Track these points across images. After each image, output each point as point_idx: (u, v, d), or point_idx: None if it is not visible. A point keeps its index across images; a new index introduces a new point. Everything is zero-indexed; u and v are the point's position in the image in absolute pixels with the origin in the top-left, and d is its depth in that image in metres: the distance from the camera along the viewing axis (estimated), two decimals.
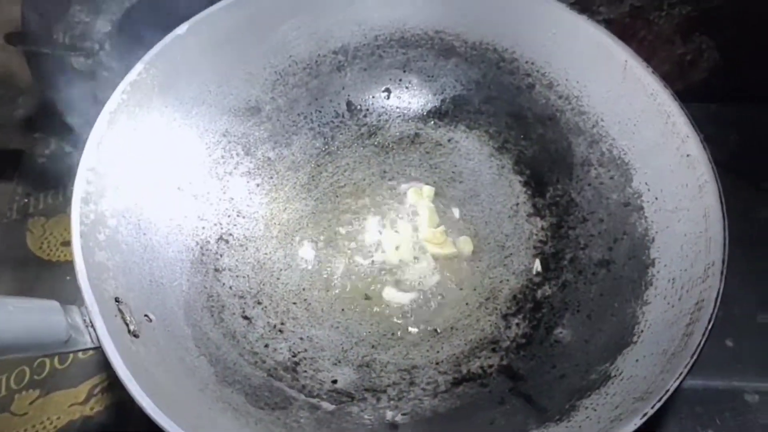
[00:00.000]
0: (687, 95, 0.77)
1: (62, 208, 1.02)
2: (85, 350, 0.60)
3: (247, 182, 0.87)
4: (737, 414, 0.80)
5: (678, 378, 0.61)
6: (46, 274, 0.97)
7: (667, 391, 0.60)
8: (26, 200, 1.03)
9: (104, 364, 0.90)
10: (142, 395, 0.57)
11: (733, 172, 0.80)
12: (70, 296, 0.79)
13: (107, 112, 0.72)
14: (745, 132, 1.04)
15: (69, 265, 0.97)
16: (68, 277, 0.96)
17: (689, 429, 0.79)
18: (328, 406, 0.72)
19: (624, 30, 1.00)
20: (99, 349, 0.60)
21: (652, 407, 0.59)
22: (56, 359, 0.91)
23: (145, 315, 0.67)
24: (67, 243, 0.99)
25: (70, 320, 0.59)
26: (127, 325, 0.63)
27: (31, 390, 0.89)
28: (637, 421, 0.58)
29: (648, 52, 0.98)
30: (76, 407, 0.85)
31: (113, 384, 0.88)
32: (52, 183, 1.05)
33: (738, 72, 1.07)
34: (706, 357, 0.85)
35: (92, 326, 0.60)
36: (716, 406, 0.81)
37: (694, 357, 0.62)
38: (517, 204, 0.89)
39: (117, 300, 0.64)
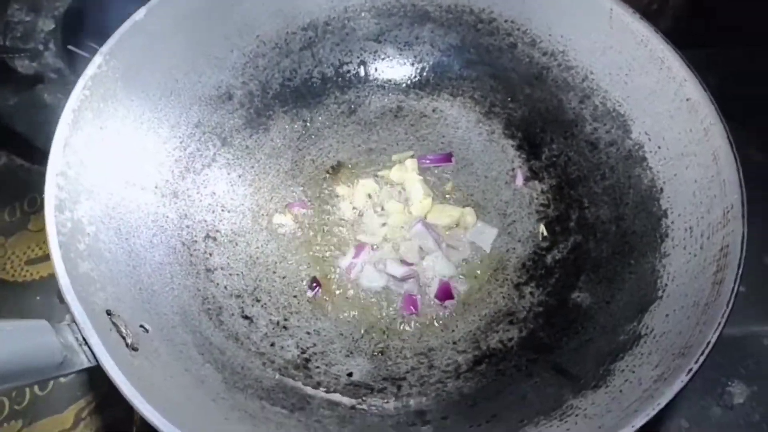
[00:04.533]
0: None
1: (22, 225, 0.94)
2: (81, 371, 0.54)
3: (228, 174, 0.81)
4: (760, 359, 0.79)
5: (717, 328, 0.58)
6: (12, 296, 0.89)
7: (709, 342, 0.57)
8: None
9: (89, 386, 0.84)
10: (152, 413, 0.51)
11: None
12: (45, 317, 0.72)
13: (70, 111, 0.65)
14: (719, 74, 1.02)
15: (37, 284, 0.90)
16: (38, 297, 0.89)
17: (714, 381, 0.77)
18: (348, 401, 0.67)
19: None
20: (97, 368, 0.54)
21: (696, 362, 0.57)
22: (35, 387, 0.84)
23: (141, 326, 0.61)
24: (33, 261, 0.92)
25: (62, 340, 0.53)
26: (124, 338, 0.57)
27: (13, 421, 0.83)
28: (684, 378, 0.56)
29: None
30: None
31: (102, 405, 0.82)
32: (7, 199, 0.97)
33: (703, 16, 1.06)
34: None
35: (86, 344, 0.54)
36: (737, 354, 0.79)
37: (730, 305, 0.59)
38: (513, 169, 0.85)
39: (109, 313, 0.58)
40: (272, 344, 0.71)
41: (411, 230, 0.79)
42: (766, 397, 0.77)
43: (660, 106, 0.73)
